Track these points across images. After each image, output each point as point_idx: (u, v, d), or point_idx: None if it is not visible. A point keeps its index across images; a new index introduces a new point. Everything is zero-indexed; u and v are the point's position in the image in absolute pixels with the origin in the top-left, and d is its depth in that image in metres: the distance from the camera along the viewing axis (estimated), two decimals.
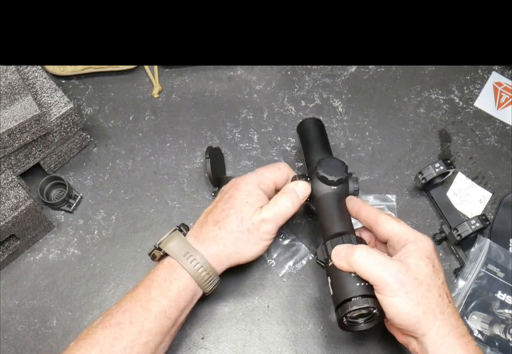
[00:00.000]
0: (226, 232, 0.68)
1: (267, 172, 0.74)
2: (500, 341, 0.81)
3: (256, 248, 0.70)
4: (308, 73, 1.02)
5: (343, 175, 0.73)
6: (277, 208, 0.70)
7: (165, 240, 0.70)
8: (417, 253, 0.64)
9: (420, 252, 0.64)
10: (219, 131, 0.97)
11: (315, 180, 0.74)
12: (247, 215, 0.69)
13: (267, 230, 0.70)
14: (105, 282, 0.86)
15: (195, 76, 1.01)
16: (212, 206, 0.72)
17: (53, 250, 0.88)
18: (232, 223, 0.69)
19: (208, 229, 0.69)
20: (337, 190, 0.74)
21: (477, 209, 0.93)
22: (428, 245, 0.66)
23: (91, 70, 0.98)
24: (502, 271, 0.85)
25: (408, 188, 0.94)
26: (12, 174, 0.83)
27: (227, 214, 0.69)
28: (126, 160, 0.94)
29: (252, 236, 0.69)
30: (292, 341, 0.82)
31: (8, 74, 0.82)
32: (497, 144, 0.98)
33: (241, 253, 0.70)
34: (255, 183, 0.72)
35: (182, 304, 0.67)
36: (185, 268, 0.67)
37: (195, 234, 0.70)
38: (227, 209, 0.70)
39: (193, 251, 0.68)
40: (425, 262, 0.63)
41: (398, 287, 0.61)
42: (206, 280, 0.68)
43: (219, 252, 0.69)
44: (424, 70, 1.03)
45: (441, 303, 0.62)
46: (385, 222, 0.68)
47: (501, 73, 1.03)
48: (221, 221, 0.69)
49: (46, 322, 0.83)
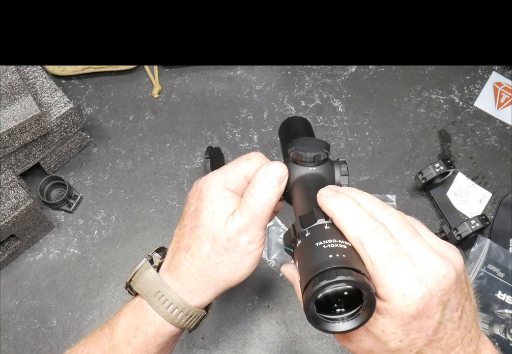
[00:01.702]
0: (200, 259, 0.54)
1: (233, 167, 0.56)
2: (500, 341, 0.81)
3: (243, 266, 0.55)
4: (308, 73, 1.02)
5: (322, 152, 0.56)
6: (251, 209, 0.53)
7: (135, 276, 0.57)
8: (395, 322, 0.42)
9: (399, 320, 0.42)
10: (219, 131, 0.97)
11: (289, 162, 0.56)
12: (217, 230, 0.54)
13: (249, 240, 0.54)
14: (105, 282, 0.86)
15: (195, 76, 1.01)
16: (180, 225, 0.58)
17: (53, 250, 0.88)
18: (205, 246, 0.54)
19: (181, 258, 0.56)
20: (317, 171, 0.56)
21: (477, 209, 0.93)
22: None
23: (91, 70, 0.98)
24: (502, 271, 0.85)
25: (408, 188, 0.94)
26: (12, 174, 0.83)
27: (196, 235, 0.55)
28: (126, 160, 0.94)
29: (233, 254, 0.54)
30: (292, 341, 0.82)
31: (8, 74, 0.82)
32: (497, 144, 0.98)
33: (227, 278, 0.56)
34: (219, 184, 0.55)
35: (153, 350, 0.56)
36: (157, 311, 0.55)
37: (168, 265, 0.57)
38: (195, 228, 0.55)
39: (165, 290, 0.55)
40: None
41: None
42: (187, 321, 0.56)
43: (199, 287, 0.55)
44: (424, 70, 1.03)
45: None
46: (365, 257, 0.42)
47: (501, 73, 1.03)
48: (192, 246, 0.55)
49: (46, 322, 0.83)
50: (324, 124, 0.98)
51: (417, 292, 0.40)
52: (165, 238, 0.89)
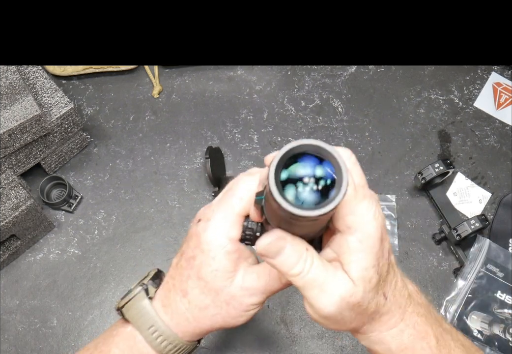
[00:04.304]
0: (198, 309, 0.52)
1: (229, 206, 0.50)
2: (500, 341, 0.81)
3: (240, 320, 0.53)
4: (308, 73, 1.02)
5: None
6: (266, 275, 0.50)
7: (128, 304, 0.54)
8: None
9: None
10: (219, 131, 0.97)
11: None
12: (221, 286, 0.50)
13: (254, 302, 0.51)
14: (105, 282, 0.86)
15: (195, 76, 1.01)
16: (178, 262, 0.53)
17: (54, 250, 0.88)
18: (204, 298, 0.51)
19: (177, 300, 0.53)
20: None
21: (477, 209, 0.93)
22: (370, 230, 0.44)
23: (91, 70, 0.98)
24: (501, 271, 0.85)
25: (408, 188, 0.94)
26: (12, 174, 0.83)
27: (196, 285, 0.51)
28: (126, 160, 0.95)
29: (233, 310, 0.51)
30: (291, 341, 0.83)
31: (8, 74, 0.82)
32: (497, 144, 0.98)
33: (222, 326, 0.54)
34: (222, 235, 0.49)
35: None
36: (150, 345, 0.53)
37: (163, 300, 0.54)
38: (195, 278, 0.51)
39: (159, 325, 0.53)
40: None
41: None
42: (179, 353, 0.55)
43: (193, 329, 0.53)
44: (424, 70, 1.04)
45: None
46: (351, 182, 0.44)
47: (501, 73, 1.04)
48: (190, 293, 0.52)
49: (47, 322, 0.84)
50: (324, 124, 0.98)
51: (381, 217, 0.44)
52: (165, 238, 0.89)
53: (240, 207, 0.49)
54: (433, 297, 0.86)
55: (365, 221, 0.43)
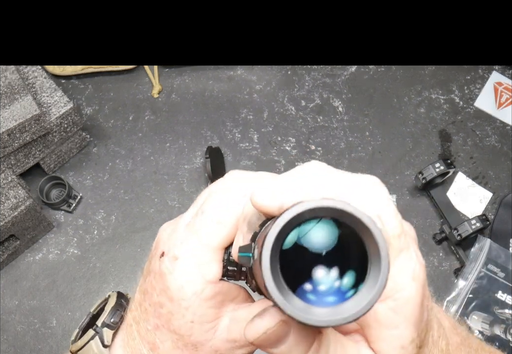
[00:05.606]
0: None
1: (207, 236, 0.36)
2: (501, 341, 0.81)
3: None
4: (308, 73, 1.02)
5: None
6: (260, 326, 0.32)
7: (82, 350, 0.42)
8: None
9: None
10: (219, 131, 0.97)
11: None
12: (201, 340, 0.39)
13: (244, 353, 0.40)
14: (105, 282, 0.86)
15: (195, 76, 1.01)
16: (139, 299, 0.40)
17: (53, 250, 0.88)
18: (180, 353, 0.40)
19: (142, 351, 0.41)
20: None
21: (478, 209, 0.93)
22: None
23: (91, 70, 0.98)
24: (502, 271, 0.85)
25: (408, 188, 0.94)
26: (11, 174, 0.83)
27: (167, 337, 0.39)
28: (126, 160, 0.94)
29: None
30: None
31: (8, 74, 0.82)
32: (498, 144, 0.98)
33: None
34: (196, 279, 0.36)
35: None
36: None
37: (124, 346, 0.41)
38: (164, 329, 0.39)
39: None
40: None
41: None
42: None
43: None
44: (424, 70, 1.03)
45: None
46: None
47: (502, 72, 1.03)
48: (160, 348, 0.40)
49: (46, 322, 0.83)
50: (324, 124, 0.98)
51: (422, 272, 0.33)
52: None
53: (219, 237, 0.35)
54: (434, 298, 0.86)
55: (401, 283, 0.32)
